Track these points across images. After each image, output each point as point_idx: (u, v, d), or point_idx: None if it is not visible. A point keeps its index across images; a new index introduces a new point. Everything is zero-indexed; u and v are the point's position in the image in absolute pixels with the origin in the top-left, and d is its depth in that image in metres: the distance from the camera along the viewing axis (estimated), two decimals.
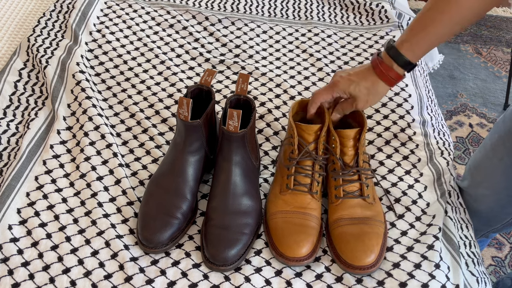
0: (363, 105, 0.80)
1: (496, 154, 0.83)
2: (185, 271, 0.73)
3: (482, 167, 0.87)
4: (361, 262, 0.72)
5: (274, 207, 0.79)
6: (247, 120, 0.85)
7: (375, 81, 0.78)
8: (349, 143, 0.80)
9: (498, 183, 0.84)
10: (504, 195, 0.84)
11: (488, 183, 0.86)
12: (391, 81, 0.78)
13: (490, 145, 0.85)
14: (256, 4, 1.35)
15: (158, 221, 0.74)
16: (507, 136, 0.81)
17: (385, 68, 0.77)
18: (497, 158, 0.83)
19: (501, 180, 0.83)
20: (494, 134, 0.85)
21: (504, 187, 0.84)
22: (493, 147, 0.84)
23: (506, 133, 0.81)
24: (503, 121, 0.83)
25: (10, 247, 0.74)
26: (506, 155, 0.81)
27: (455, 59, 2.17)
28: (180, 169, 0.78)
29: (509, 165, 0.81)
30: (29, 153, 0.87)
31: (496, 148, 0.83)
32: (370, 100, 0.80)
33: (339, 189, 0.80)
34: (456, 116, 1.89)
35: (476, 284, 0.77)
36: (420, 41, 0.75)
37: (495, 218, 0.90)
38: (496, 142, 0.84)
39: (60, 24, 1.19)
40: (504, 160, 0.81)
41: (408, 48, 0.75)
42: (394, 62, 0.76)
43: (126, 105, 1.00)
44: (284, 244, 0.74)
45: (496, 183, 0.85)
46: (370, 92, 0.79)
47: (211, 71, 0.83)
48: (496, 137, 0.84)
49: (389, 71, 0.77)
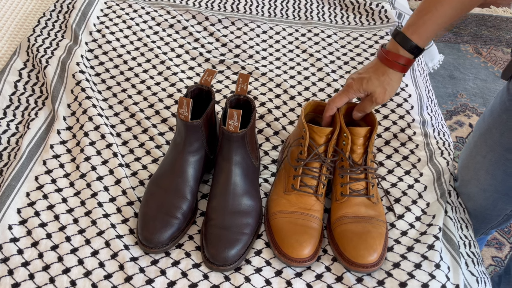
0: (381, 97, 0.79)
1: (480, 152, 0.83)
2: (185, 271, 0.73)
3: (468, 165, 0.88)
4: (364, 260, 0.72)
5: (277, 207, 0.79)
6: (247, 120, 0.85)
7: (386, 71, 0.78)
8: (359, 141, 0.80)
9: (484, 181, 0.84)
10: (491, 191, 0.85)
11: (475, 181, 0.87)
12: (402, 67, 0.77)
13: (473, 143, 0.86)
14: (256, 4, 1.35)
15: (158, 221, 0.74)
16: (488, 134, 0.81)
17: (392, 56, 0.76)
18: (480, 156, 0.83)
19: (487, 177, 0.84)
20: (476, 132, 0.86)
21: (489, 184, 0.84)
22: (476, 145, 0.85)
23: (487, 131, 0.81)
24: (483, 119, 0.84)
25: (10, 247, 0.74)
26: (488, 152, 0.81)
27: (455, 59, 2.17)
28: (180, 169, 0.78)
29: (492, 162, 0.81)
30: (29, 153, 0.87)
31: (478, 145, 0.84)
32: (388, 91, 0.79)
33: (346, 187, 0.80)
34: (456, 116, 1.89)
35: (476, 284, 0.77)
36: (427, 22, 0.74)
37: (488, 216, 0.90)
38: (478, 140, 0.84)
39: (60, 24, 1.19)
40: (487, 157, 0.82)
41: (415, 31, 0.75)
42: (401, 48, 0.76)
43: (126, 105, 1.00)
44: (286, 244, 0.74)
45: (482, 181, 0.85)
46: (383, 83, 0.78)
47: (211, 71, 0.83)
48: (478, 135, 0.84)
49: (397, 58, 0.76)
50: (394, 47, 0.77)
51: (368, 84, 0.78)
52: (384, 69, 0.78)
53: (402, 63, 0.77)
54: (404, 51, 0.76)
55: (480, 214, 0.91)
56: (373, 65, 0.79)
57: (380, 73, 0.78)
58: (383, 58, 0.77)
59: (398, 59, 0.76)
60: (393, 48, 0.77)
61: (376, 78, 0.78)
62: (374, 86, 0.78)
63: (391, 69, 0.77)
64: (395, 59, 0.76)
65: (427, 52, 1.41)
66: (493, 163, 0.81)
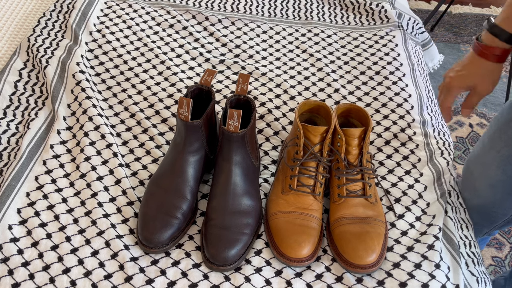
0: (486, 89, 0.81)
1: (494, 147, 0.84)
2: (185, 271, 0.73)
3: (479, 161, 0.89)
4: (362, 261, 0.72)
5: (276, 207, 0.79)
6: (247, 120, 0.85)
7: (483, 63, 0.79)
8: (354, 142, 0.80)
9: (494, 176, 0.85)
10: (500, 188, 0.85)
11: (485, 176, 0.87)
12: (498, 57, 0.79)
13: (488, 138, 0.87)
14: (256, 4, 1.35)
15: (158, 221, 0.74)
16: (504, 128, 0.82)
17: (487, 48, 0.78)
18: (495, 151, 0.84)
19: (497, 173, 0.84)
20: (491, 127, 0.87)
21: (499, 180, 0.84)
22: (490, 140, 0.86)
23: (504, 125, 0.83)
24: (501, 114, 0.84)
25: (10, 247, 0.74)
26: (503, 147, 0.82)
27: (455, 59, 2.17)
28: (180, 169, 0.78)
29: (505, 157, 0.82)
30: (29, 153, 0.87)
31: (493, 140, 0.85)
32: (492, 81, 0.80)
33: (342, 188, 0.80)
34: (456, 116, 1.89)
35: (476, 284, 0.77)
36: None
37: (494, 214, 0.91)
38: (493, 135, 0.85)
39: (60, 24, 1.19)
40: (501, 152, 0.83)
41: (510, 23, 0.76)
42: (497, 40, 0.77)
43: (126, 105, 1.00)
44: (285, 244, 0.74)
45: (492, 176, 0.86)
46: (484, 75, 0.80)
47: (211, 71, 0.83)
48: (494, 130, 0.85)
49: (492, 50, 0.78)
50: (490, 39, 0.78)
51: (470, 80, 0.80)
52: (481, 62, 0.79)
53: (498, 54, 0.78)
54: (502, 43, 0.77)
55: (486, 212, 0.91)
56: (469, 59, 0.81)
57: (478, 67, 0.80)
58: (479, 52, 0.79)
59: (493, 51, 0.78)
60: (488, 41, 0.78)
61: (476, 73, 0.80)
62: (477, 81, 0.80)
63: (489, 62, 0.79)
64: (491, 52, 0.78)
65: (427, 52, 1.41)
66: (505, 159, 0.82)
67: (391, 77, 1.12)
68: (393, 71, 1.14)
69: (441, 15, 2.32)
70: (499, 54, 0.78)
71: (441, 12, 2.37)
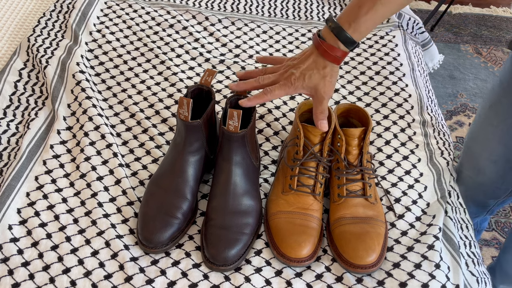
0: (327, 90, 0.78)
1: (491, 123, 0.84)
2: (185, 271, 0.73)
3: (479, 138, 0.89)
4: (362, 261, 0.72)
5: (276, 207, 0.79)
6: (247, 120, 0.85)
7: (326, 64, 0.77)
8: (354, 142, 0.80)
9: (496, 151, 0.85)
10: (502, 163, 0.85)
11: (486, 153, 0.87)
12: (338, 59, 0.77)
13: (484, 115, 0.86)
14: (256, 4, 1.35)
15: (158, 221, 0.74)
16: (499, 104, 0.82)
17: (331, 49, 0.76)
18: (492, 127, 0.84)
19: (498, 147, 0.84)
20: (486, 103, 0.86)
21: (501, 155, 0.84)
22: (486, 117, 0.86)
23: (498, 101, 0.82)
24: (492, 91, 0.84)
25: (10, 247, 0.74)
26: (501, 122, 0.82)
27: (455, 59, 2.17)
28: (180, 169, 0.78)
29: (505, 131, 0.82)
30: (29, 153, 0.87)
31: (490, 117, 0.84)
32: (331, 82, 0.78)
33: (342, 188, 0.80)
34: (456, 116, 1.89)
35: (476, 284, 0.77)
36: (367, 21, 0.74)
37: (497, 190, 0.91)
38: (488, 111, 0.85)
39: (60, 24, 1.19)
40: (499, 127, 0.82)
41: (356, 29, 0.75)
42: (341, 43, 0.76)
43: (126, 105, 1.00)
44: (285, 244, 0.74)
45: (494, 152, 0.85)
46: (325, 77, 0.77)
47: (211, 71, 0.83)
48: (488, 106, 0.85)
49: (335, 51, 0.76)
50: (333, 41, 0.76)
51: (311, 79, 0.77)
52: (324, 62, 0.77)
53: (339, 56, 0.77)
54: (344, 46, 0.76)
55: (489, 188, 0.91)
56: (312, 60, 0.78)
57: (320, 67, 0.77)
58: (323, 51, 0.77)
59: (336, 52, 0.76)
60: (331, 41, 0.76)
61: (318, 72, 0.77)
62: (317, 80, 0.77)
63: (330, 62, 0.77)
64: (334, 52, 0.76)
65: (427, 52, 1.41)
66: (505, 133, 0.82)
67: (391, 77, 1.12)
68: (393, 71, 1.14)
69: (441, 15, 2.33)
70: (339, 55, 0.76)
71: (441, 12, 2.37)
